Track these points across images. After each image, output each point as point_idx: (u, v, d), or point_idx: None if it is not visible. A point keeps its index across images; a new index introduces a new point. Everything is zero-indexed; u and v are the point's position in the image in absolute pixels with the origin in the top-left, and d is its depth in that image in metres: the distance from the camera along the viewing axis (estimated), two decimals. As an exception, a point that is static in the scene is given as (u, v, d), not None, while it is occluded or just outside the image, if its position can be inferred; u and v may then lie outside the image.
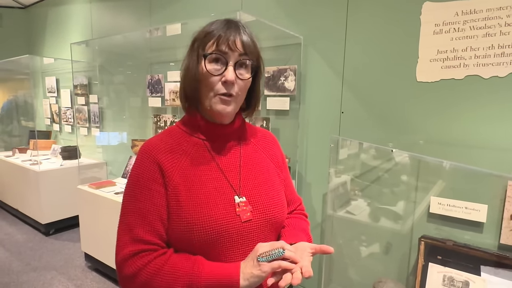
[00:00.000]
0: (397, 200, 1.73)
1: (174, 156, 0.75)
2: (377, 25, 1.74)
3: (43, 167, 3.40)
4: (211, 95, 0.73)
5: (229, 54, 0.71)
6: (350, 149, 1.89)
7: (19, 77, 4.61)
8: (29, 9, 4.67)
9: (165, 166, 0.73)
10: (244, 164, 0.81)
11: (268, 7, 2.16)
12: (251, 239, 0.74)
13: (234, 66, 0.72)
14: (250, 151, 0.84)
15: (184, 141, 0.78)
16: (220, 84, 0.72)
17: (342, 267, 1.91)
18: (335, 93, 1.92)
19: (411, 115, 1.66)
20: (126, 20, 3.18)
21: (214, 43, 0.71)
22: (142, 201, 0.71)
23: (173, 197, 0.72)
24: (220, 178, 0.76)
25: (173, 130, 0.81)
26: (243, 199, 0.75)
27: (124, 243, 0.70)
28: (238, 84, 0.73)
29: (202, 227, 0.69)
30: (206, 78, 0.72)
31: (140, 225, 0.70)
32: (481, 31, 1.44)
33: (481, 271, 1.41)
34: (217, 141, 0.80)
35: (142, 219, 0.70)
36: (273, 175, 0.85)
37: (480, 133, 1.49)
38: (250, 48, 0.73)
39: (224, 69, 0.71)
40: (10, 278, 2.60)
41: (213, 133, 0.79)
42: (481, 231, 1.49)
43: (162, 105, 2.88)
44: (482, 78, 1.46)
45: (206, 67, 0.71)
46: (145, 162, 0.74)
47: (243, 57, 0.72)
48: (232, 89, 0.72)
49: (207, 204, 0.71)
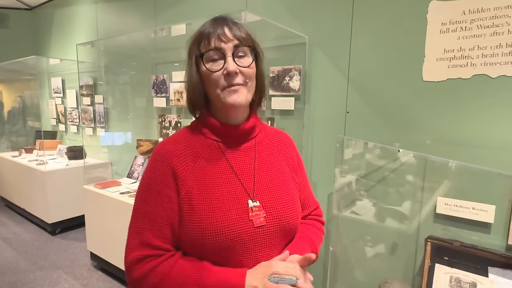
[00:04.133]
0: (403, 200, 1.72)
1: (188, 159, 0.74)
2: (382, 24, 1.73)
3: (49, 167, 3.43)
4: (218, 92, 0.72)
5: (223, 47, 0.71)
6: (355, 149, 1.88)
7: (26, 78, 4.65)
8: (35, 10, 4.71)
9: (179, 170, 0.72)
10: (259, 167, 0.79)
11: (272, 7, 2.16)
12: (263, 244, 0.73)
13: (233, 57, 0.71)
14: (265, 153, 0.83)
15: (198, 143, 0.77)
16: (223, 78, 0.71)
17: (348, 268, 1.90)
18: (340, 93, 1.91)
19: (418, 115, 1.65)
20: (131, 20, 3.19)
21: (206, 41, 0.71)
22: (152, 205, 0.71)
23: (185, 201, 0.71)
24: (234, 181, 0.75)
25: (187, 132, 0.80)
26: (257, 204, 0.74)
27: (133, 246, 0.71)
28: (243, 73, 0.72)
29: (214, 231, 0.68)
30: (209, 77, 0.72)
31: (149, 229, 0.70)
32: (489, 30, 1.43)
33: (489, 272, 1.39)
34: (231, 142, 0.79)
35: (151, 224, 0.70)
36: (288, 179, 0.83)
37: (488, 132, 1.47)
38: (242, 36, 0.73)
39: (223, 62, 0.71)
40: (17, 277, 2.62)
41: (227, 133, 0.78)
42: (489, 232, 1.47)
43: (167, 105, 2.89)
44: (489, 77, 1.44)
45: (206, 66, 0.71)
46: (158, 165, 0.73)
47: (238, 45, 0.72)
48: (237, 80, 0.71)
49: (220, 209, 0.70)
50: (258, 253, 0.72)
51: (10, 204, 4.17)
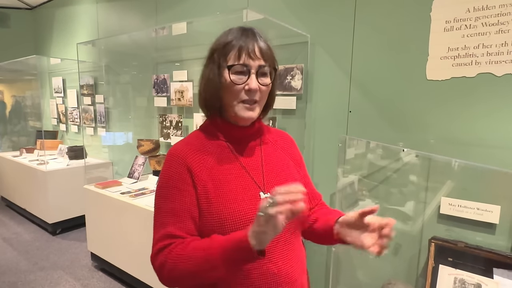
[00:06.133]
0: (406, 201, 1.70)
1: (200, 156, 0.80)
2: (385, 22, 1.71)
3: (50, 167, 3.42)
4: (235, 103, 0.78)
5: (251, 64, 0.76)
6: (358, 148, 1.86)
7: (27, 78, 4.65)
8: (36, 10, 4.71)
9: (193, 166, 0.78)
10: (266, 163, 0.85)
11: (274, 5, 2.14)
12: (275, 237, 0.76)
13: (256, 75, 0.76)
14: (270, 150, 0.89)
15: (208, 143, 0.83)
16: (243, 92, 0.77)
17: (350, 269, 1.89)
18: (342, 92, 1.89)
19: (421, 114, 1.63)
20: (132, 20, 3.18)
21: (236, 54, 0.75)
22: (173, 201, 0.76)
23: (202, 195, 0.76)
24: (245, 176, 0.81)
25: (197, 135, 0.86)
26: (268, 195, 0.77)
27: (156, 240, 0.76)
28: (261, 90, 0.78)
29: (233, 221, 0.73)
30: (230, 87, 0.77)
31: (172, 223, 0.75)
32: (494, 28, 1.41)
33: (494, 273, 1.37)
34: (239, 143, 0.85)
35: (174, 218, 0.75)
36: (294, 171, 0.90)
37: (493, 131, 1.45)
38: (268, 55, 0.78)
39: (247, 78, 0.76)
40: (18, 278, 2.62)
41: (235, 135, 0.84)
42: (494, 233, 1.45)
43: (167, 105, 2.88)
44: (495, 76, 1.42)
45: (231, 77, 0.76)
46: (174, 164, 0.79)
47: (263, 65, 0.77)
48: (255, 96, 0.77)
49: (235, 200, 0.76)
50: (274, 239, 0.73)
51: (11, 204, 4.17)
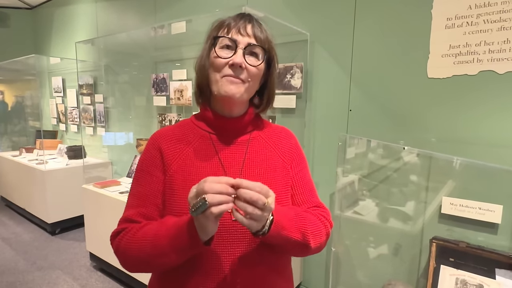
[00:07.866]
0: (407, 200, 1.68)
1: (177, 145, 0.77)
2: (386, 19, 1.69)
3: (49, 167, 3.41)
4: (217, 77, 0.72)
5: (238, 40, 0.72)
6: (358, 147, 1.84)
7: (26, 77, 4.64)
8: (35, 10, 4.70)
9: (166, 153, 0.76)
10: (248, 162, 0.78)
11: (273, 3, 2.13)
12: (239, 238, 0.72)
13: (244, 51, 0.72)
14: (258, 147, 0.81)
15: (191, 133, 0.80)
16: (228, 67, 0.71)
17: (350, 269, 1.87)
18: (342, 91, 1.87)
19: (422, 112, 1.61)
20: (131, 19, 3.17)
21: (226, 29, 0.73)
22: (142, 184, 0.76)
23: (168, 184, 0.74)
24: (219, 172, 0.75)
25: (184, 122, 0.83)
26: None
27: (118, 222, 0.76)
28: (248, 70, 0.72)
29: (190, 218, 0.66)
30: (214, 61, 0.72)
31: (135, 207, 0.75)
32: (496, 25, 1.39)
33: (496, 274, 1.36)
34: (224, 135, 0.79)
35: (139, 201, 0.75)
36: (278, 175, 0.80)
37: (495, 130, 1.43)
38: (261, 37, 0.74)
39: (233, 53, 0.71)
40: (16, 277, 2.60)
41: (221, 126, 0.79)
42: (496, 233, 1.43)
43: (167, 104, 2.87)
44: (496, 73, 1.40)
45: (216, 51, 0.72)
46: (150, 148, 0.78)
47: (253, 44, 0.73)
48: (241, 74, 0.72)
49: None
50: (234, 246, 0.71)
51: (11, 203, 4.16)
